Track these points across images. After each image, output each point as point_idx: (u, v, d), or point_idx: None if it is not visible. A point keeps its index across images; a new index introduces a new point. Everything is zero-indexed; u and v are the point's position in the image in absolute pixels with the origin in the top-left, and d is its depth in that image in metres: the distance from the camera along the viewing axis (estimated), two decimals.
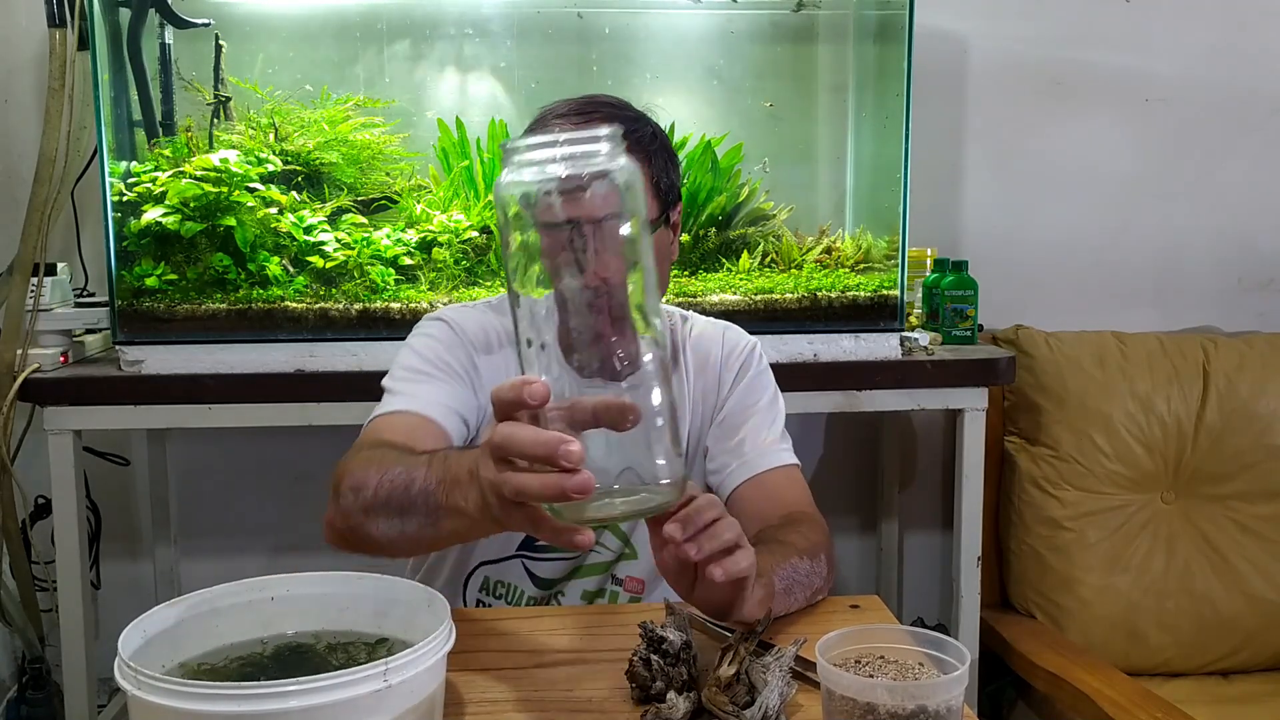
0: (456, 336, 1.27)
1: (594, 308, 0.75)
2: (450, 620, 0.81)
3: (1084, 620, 1.96)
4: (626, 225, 0.73)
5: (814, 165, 2.10)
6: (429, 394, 1.21)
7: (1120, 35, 2.24)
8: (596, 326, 0.75)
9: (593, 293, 0.75)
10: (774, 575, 1.04)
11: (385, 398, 1.23)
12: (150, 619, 0.82)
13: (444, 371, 1.24)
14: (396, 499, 0.96)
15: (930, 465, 2.35)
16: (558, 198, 0.71)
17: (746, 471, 1.29)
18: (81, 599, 1.80)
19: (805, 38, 2.06)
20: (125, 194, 1.79)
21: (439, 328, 1.29)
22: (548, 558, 1.32)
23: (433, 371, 1.24)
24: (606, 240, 0.74)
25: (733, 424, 1.33)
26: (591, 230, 0.74)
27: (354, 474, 1.04)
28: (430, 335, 1.28)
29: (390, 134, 1.91)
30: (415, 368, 1.24)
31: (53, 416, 1.77)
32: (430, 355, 1.25)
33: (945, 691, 0.74)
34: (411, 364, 1.25)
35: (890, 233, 1.91)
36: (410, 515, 0.94)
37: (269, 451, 2.21)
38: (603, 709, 0.91)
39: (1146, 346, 2.07)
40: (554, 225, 0.73)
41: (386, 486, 0.97)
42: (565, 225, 0.73)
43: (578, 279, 0.75)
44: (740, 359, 1.36)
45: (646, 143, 1.21)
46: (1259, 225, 2.31)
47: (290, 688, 0.69)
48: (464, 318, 1.30)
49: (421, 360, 1.25)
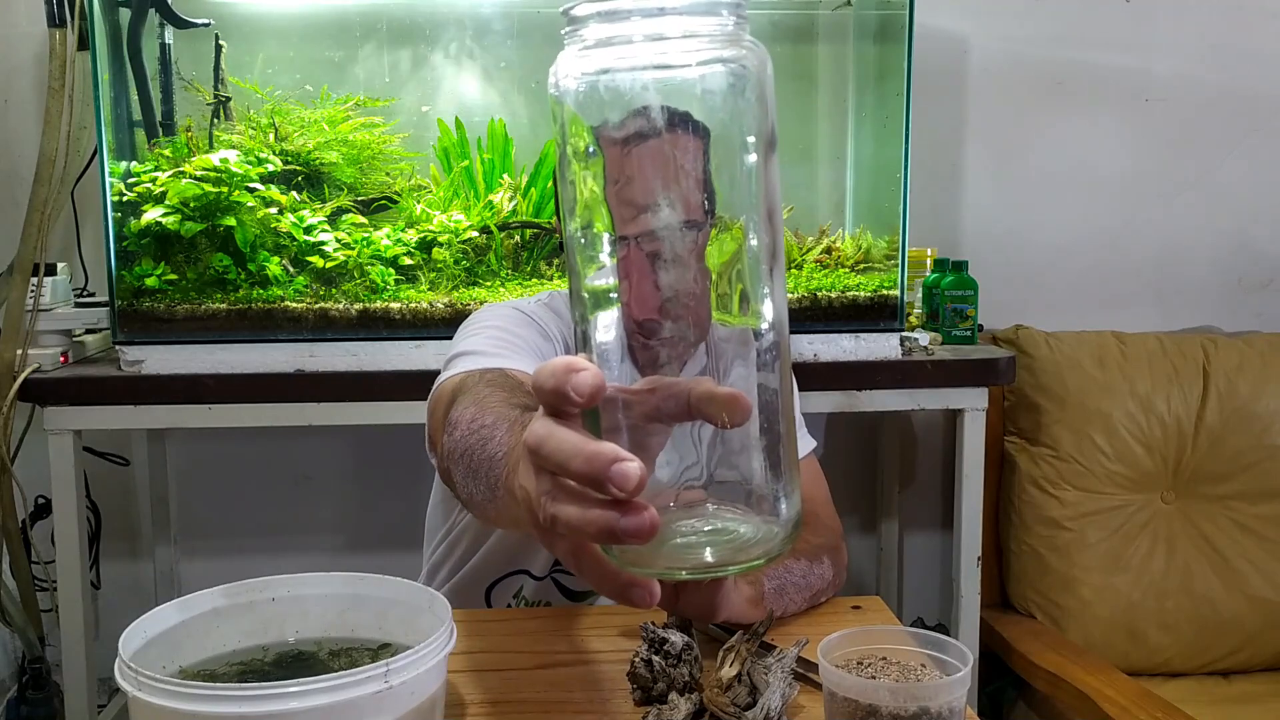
0: (529, 319, 1.17)
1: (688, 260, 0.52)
2: (451, 621, 0.81)
3: (1084, 620, 1.96)
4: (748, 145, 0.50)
5: (814, 165, 2.10)
6: (521, 363, 1.04)
7: (1120, 35, 2.24)
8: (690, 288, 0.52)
9: (687, 243, 0.52)
10: (763, 575, 1.03)
11: (466, 359, 1.04)
12: (151, 620, 0.82)
13: (532, 352, 1.11)
14: (472, 455, 0.78)
15: (930, 465, 2.35)
16: (652, 95, 0.48)
17: None
18: (81, 599, 1.79)
19: (805, 38, 2.06)
20: (125, 194, 1.79)
21: (513, 314, 1.18)
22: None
23: (521, 346, 1.09)
24: (721, 161, 0.51)
25: None
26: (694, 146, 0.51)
27: (457, 405, 0.86)
28: (505, 318, 1.16)
29: (390, 134, 1.91)
30: (502, 339, 1.09)
31: (53, 416, 1.76)
32: (517, 331, 1.12)
33: (948, 693, 0.74)
34: (495, 336, 1.10)
35: (890, 232, 1.91)
36: (477, 479, 0.77)
37: (269, 451, 2.21)
38: (604, 710, 0.90)
39: (1146, 346, 2.07)
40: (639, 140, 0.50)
41: (469, 436, 0.79)
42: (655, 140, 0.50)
43: (669, 221, 0.51)
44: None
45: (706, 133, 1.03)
46: (1259, 225, 2.31)
47: (291, 689, 0.69)
48: (535, 306, 1.21)
49: (504, 332, 1.11)
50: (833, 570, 1.14)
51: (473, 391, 0.89)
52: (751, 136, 0.50)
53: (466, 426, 0.81)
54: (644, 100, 0.48)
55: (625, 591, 0.54)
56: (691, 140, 0.51)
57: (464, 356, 1.05)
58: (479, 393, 0.87)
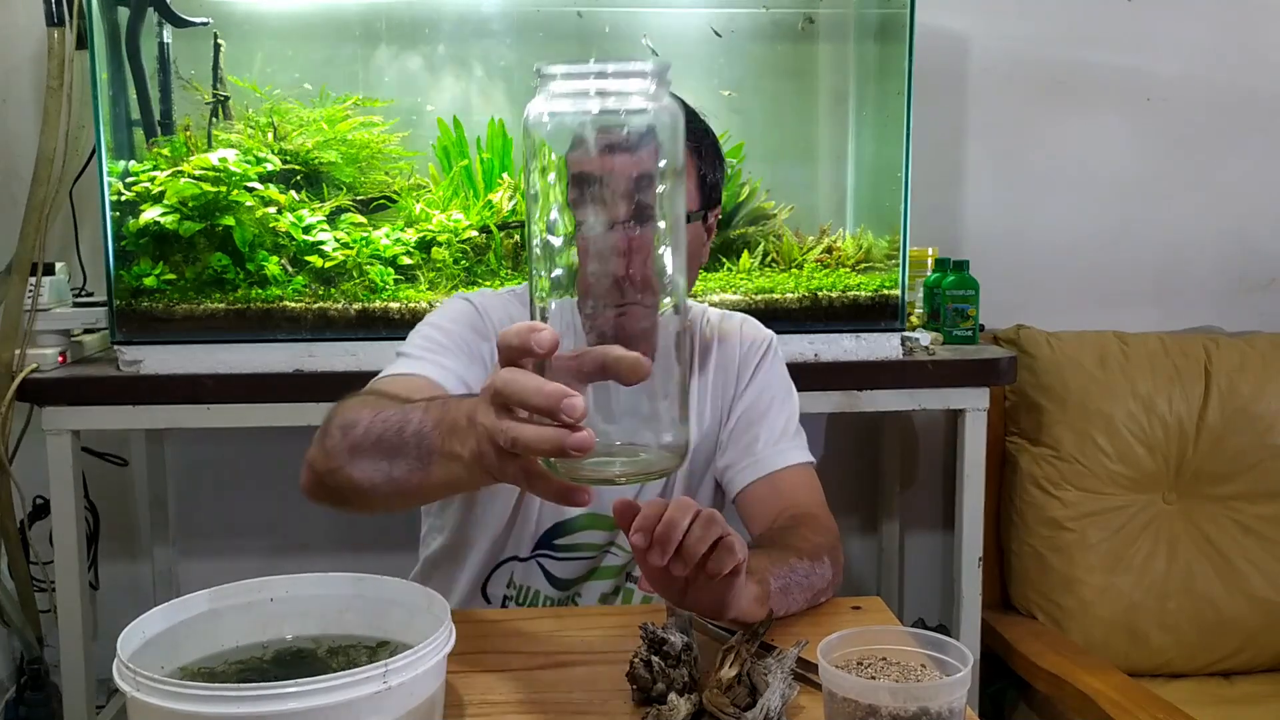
0: (481, 320, 1.25)
1: (614, 256, 0.70)
2: (450, 621, 0.80)
3: (1085, 621, 1.95)
4: (662, 172, 0.68)
5: (815, 164, 2.09)
6: (441, 362, 1.18)
7: (1122, 35, 2.23)
8: (614, 275, 0.71)
9: (614, 240, 0.70)
10: (769, 575, 1.04)
11: (396, 361, 1.21)
12: (149, 620, 0.82)
13: (460, 348, 1.22)
14: (388, 439, 0.91)
15: (931, 465, 2.35)
16: (590, 132, 0.66)
17: (758, 470, 1.28)
18: (80, 599, 1.79)
19: (806, 37, 2.06)
20: (124, 193, 1.78)
21: (464, 308, 1.27)
22: (566, 557, 1.31)
23: (449, 345, 1.21)
24: (638, 184, 0.69)
25: (747, 419, 1.32)
26: (623, 171, 0.69)
27: (345, 413, 0.99)
28: (453, 313, 1.26)
29: (389, 133, 1.90)
30: (432, 338, 1.22)
31: (51, 416, 1.76)
32: (450, 329, 1.23)
33: (948, 693, 0.74)
34: (429, 335, 1.23)
35: (891, 232, 1.91)
36: (400, 458, 0.89)
37: (268, 451, 2.20)
38: (603, 711, 0.90)
39: (1148, 346, 2.06)
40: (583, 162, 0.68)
41: (379, 426, 0.93)
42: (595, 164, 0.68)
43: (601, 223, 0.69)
44: (759, 353, 1.35)
45: (700, 136, 1.21)
46: (1261, 224, 2.31)
47: (290, 689, 0.69)
48: (490, 304, 1.28)
49: (440, 333, 1.23)
50: (832, 571, 1.15)
51: (358, 400, 1.02)
52: (663, 163, 0.68)
53: (369, 421, 0.94)
54: (590, 135, 0.67)
55: (566, 494, 0.75)
56: (622, 165, 0.68)
57: (399, 359, 1.20)
58: (365, 399, 1.02)
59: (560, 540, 1.30)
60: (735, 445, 1.31)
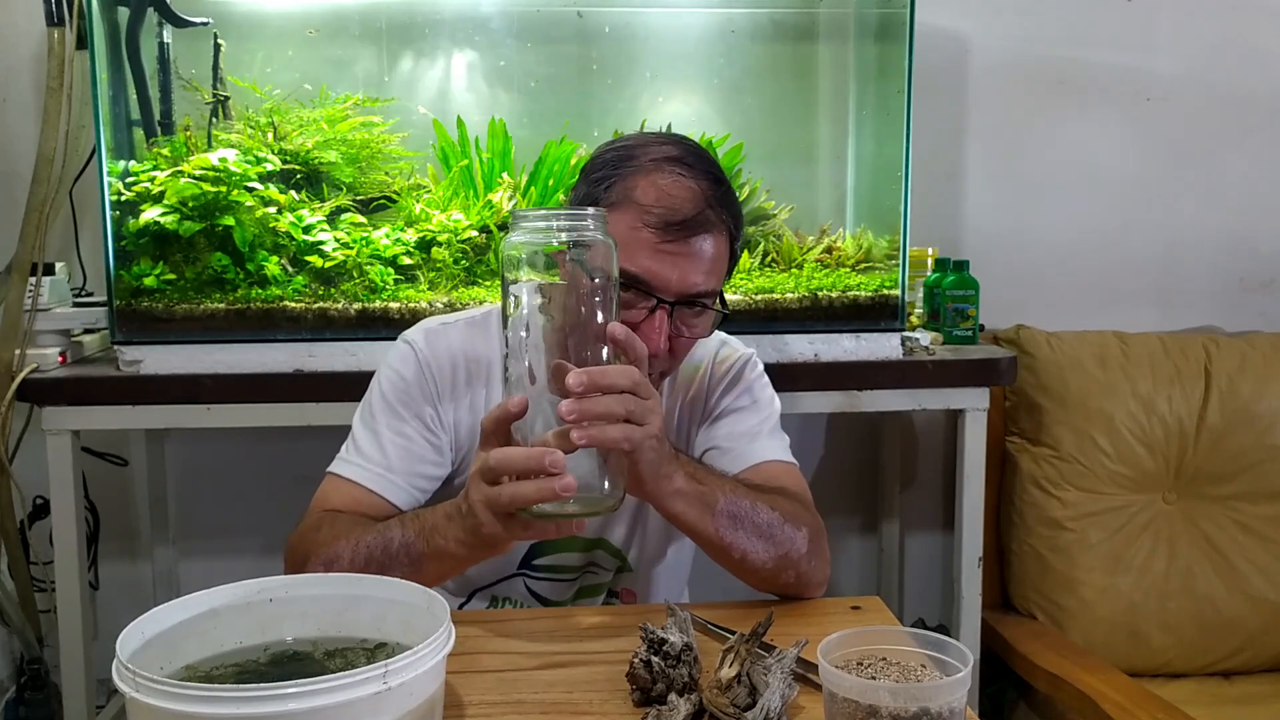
0: (422, 373, 1.25)
1: (562, 345, 0.92)
2: (450, 622, 0.80)
3: (1085, 621, 1.95)
4: (596, 284, 0.92)
5: (815, 164, 2.09)
6: (382, 461, 1.22)
7: (1122, 34, 2.23)
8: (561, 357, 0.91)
9: (563, 334, 0.92)
10: (717, 494, 1.08)
11: (347, 446, 1.25)
12: (149, 620, 0.82)
13: (406, 412, 1.24)
14: (376, 560, 1.05)
15: (931, 466, 2.35)
16: (544, 258, 0.91)
17: (741, 462, 1.25)
18: (80, 600, 1.79)
19: (806, 37, 2.06)
20: (124, 193, 1.78)
21: (407, 360, 1.26)
22: (548, 578, 1.32)
23: (391, 419, 1.23)
24: (583, 291, 0.92)
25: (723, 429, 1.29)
26: (571, 284, 0.91)
27: (321, 552, 1.09)
28: (396, 371, 1.26)
29: (389, 133, 1.90)
30: (376, 413, 1.24)
31: (51, 416, 1.76)
32: (392, 396, 1.24)
33: (948, 693, 0.74)
34: (375, 405, 1.25)
35: (891, 232, 1.91)
36: (391, 569, 1.03)
37: (268, 452, 2.20)
38: (603, 711, 0.90)
39: (1148, 346, 2.06)
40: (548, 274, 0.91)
41: (364, 553, 1.06)
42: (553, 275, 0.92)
43: (562, 313, 0.92)
44: (732, 370, 1.33)
45: (735, 209, 1.19)
46: (1261, 224, 2.31)
47: (289, 690, 0.69)
48: (436, 347, 1.26)
49: (383, 403, 1.24)
50: (807, 545, 1.13)
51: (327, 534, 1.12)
52: (599, 279, 0.92)
53: (352, 553, 1.07)
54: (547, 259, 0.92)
55: (540, 530, 0.96)
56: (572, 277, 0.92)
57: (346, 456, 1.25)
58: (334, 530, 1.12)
59: (540, 560, 1.31)
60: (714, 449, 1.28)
